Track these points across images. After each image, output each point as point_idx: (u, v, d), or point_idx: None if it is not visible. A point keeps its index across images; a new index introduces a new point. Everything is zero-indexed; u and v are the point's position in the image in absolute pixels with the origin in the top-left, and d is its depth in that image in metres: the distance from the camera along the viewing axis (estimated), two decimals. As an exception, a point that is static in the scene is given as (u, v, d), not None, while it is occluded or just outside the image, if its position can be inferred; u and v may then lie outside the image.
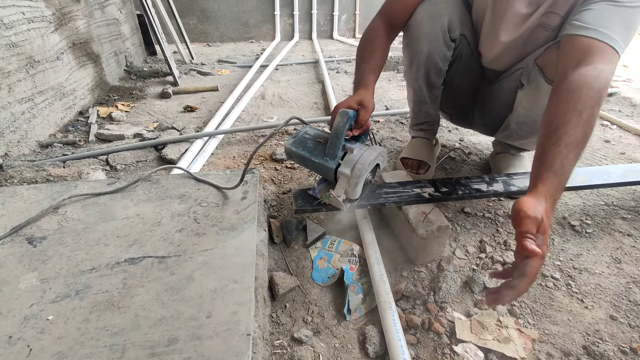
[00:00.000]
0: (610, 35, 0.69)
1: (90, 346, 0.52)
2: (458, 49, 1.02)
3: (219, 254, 0.69)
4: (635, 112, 1.83)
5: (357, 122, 0.82)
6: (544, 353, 0.67)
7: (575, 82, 0.66)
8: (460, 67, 1.07)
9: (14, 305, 0.58)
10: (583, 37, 0.70)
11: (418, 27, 0.97)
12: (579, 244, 0.93)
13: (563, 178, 0.60)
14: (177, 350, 0.52)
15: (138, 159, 1.33)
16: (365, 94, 0.85)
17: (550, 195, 0.58)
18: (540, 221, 0.54)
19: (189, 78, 2.50)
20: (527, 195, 0.59)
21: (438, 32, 0.96)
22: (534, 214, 0.54)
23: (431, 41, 0.97)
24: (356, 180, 0.76)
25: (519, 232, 0.55)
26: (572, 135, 0.61)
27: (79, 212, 0.81)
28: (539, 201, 0.57)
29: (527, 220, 0.54)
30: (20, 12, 1.35)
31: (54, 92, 1.53)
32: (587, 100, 0.63)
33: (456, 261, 0.87)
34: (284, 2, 4.09)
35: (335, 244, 0.91)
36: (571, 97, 0.64)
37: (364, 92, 0.86)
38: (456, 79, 1.09)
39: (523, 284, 0.52)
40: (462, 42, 1.01)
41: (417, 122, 1.23)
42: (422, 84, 1.08)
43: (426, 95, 1.10)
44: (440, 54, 1.00)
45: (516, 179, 0.97)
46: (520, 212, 0.55)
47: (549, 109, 0.67)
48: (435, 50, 0.99)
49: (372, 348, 0.66)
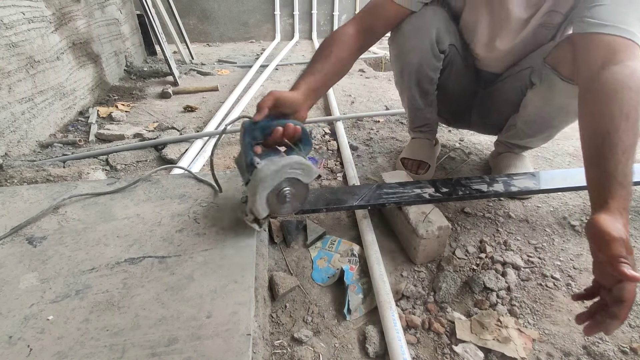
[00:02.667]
0: (631, 31, 0.67)
1: (90, 346, 0.52)
2: (448, 57, 1.02)
3: (219, 254, 0.69)
4: (635, 112, 1.83)
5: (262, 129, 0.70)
6: (544, 353, 0.66)
7: (610, 83, 0.63)
8: (453, 74, 1.06)
9: (14, 305, 0.58)
10: (603, 34, 0.69)
11: (406, 41, 0.97)
12: (579, 244, 0.93)
13: (629, 188, 0.57)
14: (177, 350, 0.52)
15: (138, 159, 1.33)
16: (288, 95, 0.73)
17: (624, 209, 0.54)
18: (627, 241, 0.51)
19: (189, 78, 2.50)
20: (600, 213, 0.54)
21: (427, 45, 0.95)
22: (619, 235, 0.50)
23: (420, 54, 0.97)
24: (253, 198, 0.69)
25: (610, 257, 0.50)
26: (625, 141, 0.58)
27: (79, 212, 0.81)
28: (616, 219, 0.53)
29: (616, 244, 0.50)
30: (20, 12, 1.35)
31: (54, 92, 1.53)
32: (629, 102, 0.61)
33: (456, 261, 0.87)
34: (284, 2, 4.09)
35: (335, 244, 0.91)
36: (613, 100, 0.61)
37: (288, 94, 0.74)
38: (449, 84, 1.09)
39: (625, 311, 0.49)
40: (451, 51, 1.01)
41: (415, 125, 1.23)
42: (414, 93, 1.08)
43: (420, 102, 1.10)
44: (430, 65, 1.00)
45: (516, 179, 0.97)
46: (605, 235, 0.51)
47: (589, 113, 0.65)
48: (425, 63, 0.99)
49: (372, 348, 0.66)
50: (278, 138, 0.70)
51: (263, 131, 0.70)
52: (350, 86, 2.29)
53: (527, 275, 0.83)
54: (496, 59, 1.01)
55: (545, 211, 1.05)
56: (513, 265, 0.85)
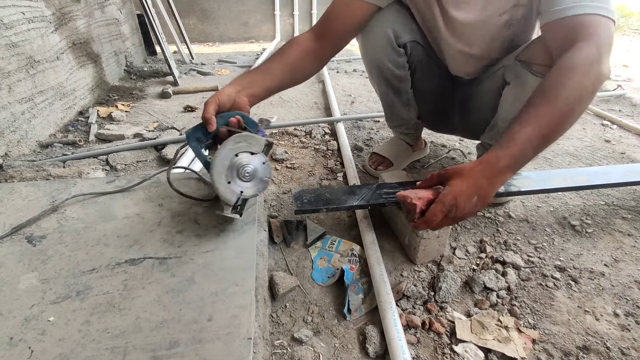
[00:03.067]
0: (586, 5, 0.66)
1: (91, 348, 0.52)
2: (413, 55, 1.00)
3: (219, 256, 0.69)
4: (635, 112, 1.83)
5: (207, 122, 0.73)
6: (544, 353, 0.67)
7: (556, 69, 0.65)
8: (424, 73, 1.05)
9: (14, 306, 0.58)
10: (560, 19, 0.69)
11: (366, 37, 0.99)
12: (579, 243, 0.93)
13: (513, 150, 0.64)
14: (179, 354, 0.52)
15: (138, 159, 1.33)
16: (225, 90, 0.78)
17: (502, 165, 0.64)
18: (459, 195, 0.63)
19: (189, 78, 2.50)
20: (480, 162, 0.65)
21: (384, 40, 0.96)
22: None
23: (379, 49, 0.98)
24: (217, 187, 0.70)
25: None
26: (543, 118, 0.63)
27: (78, 211, 0.81)
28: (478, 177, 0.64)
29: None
30: (20, 12, 1.35)
31: (54, 92, 1.53)
32: (574, 86, 0.63)
33: (456, 261, 0.87)
34: (284, 2, 4.08)
35: (335, 244, 0.91)
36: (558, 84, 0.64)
37: (224, 89, 0.78)
38: (423, 85, 1.08)
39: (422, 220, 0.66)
40: (415, 48, 1.00)
41: (392, 124, 1.23)
42: (386, 89, 1.08)
43: (394, 99, 1.10)
44: (391, 60, 0.99)
45: (516, 179, 0.97)
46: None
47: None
48: (386, 57, 0.99)
49: (372, 348, 0.66)
50: (223, 132, 0.74)
51: (202, 128, 0.74)
52: (351, 86, 2.29)
53: (527, 275, 0.83)
54: (463, 66, 0.99)
55: (545, 211, 1.05)
56: (513, 265, 0.85)
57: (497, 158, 0.64)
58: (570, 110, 0.64)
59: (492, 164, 0.64)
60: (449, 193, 0.64)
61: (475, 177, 0.64)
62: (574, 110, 0.64)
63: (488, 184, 0.64)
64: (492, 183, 0.64)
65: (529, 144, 0.63)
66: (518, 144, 0.63)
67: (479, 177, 0.64)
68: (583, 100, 0.65)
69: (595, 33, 0.65)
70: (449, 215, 0.64)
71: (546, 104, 0.64)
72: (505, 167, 0.64)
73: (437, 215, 0.64)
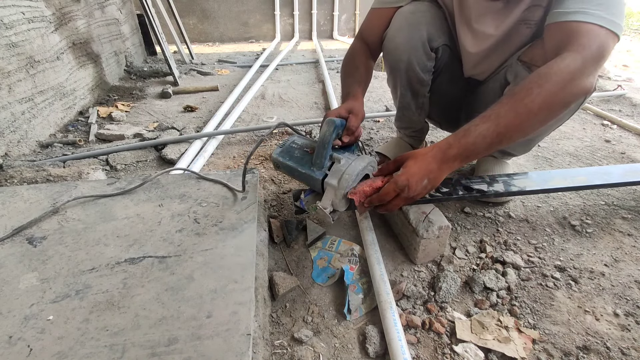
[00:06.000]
0: (590, 13, 0.65)
1: (90, 346, 0.52)
2: (441, 59, 0.98)
3: (219, 254, 0.69)
4: (635, 112, 1.83)
5: (347, 129, 0.79)
6: (544, 353, 0.66)
7: (533, 74, 0.67)
8: (447, 78, 1.03)
9: (14, 305, 0.58)
10: (559, 23, 0.69)
11: (396, 35, 0.93)
12: (579, 243, 0.93)
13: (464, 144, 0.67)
14: (178, 350, 0.52)
15: (138, 159, 1.33)
16: (355, 103, 0.82)
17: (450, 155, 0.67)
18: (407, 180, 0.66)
19: (189, 78, 2.50)
20: (432, 149, 0.69)
21: (417, 42, 0.92)
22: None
23: (410, 50, 0.93)
24: (343, 191, 0.72)
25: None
26: (503, 117, 0.65)
27: (79, 212, 0.81)
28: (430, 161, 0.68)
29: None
30: (20, 12, 1.35)
31: (54, 92, 1.53)
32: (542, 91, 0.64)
33: (456, 261, 0.87)
34: (284, 2, 4.09)
35: (335, 244, 0.91)
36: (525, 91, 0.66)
37: (353, 101, 0.83)
38: (442, 89, 1.06)
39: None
40: (445, 52, 0.97)
41: (400, 125, 1.22)
42: (405, 92, 1.05)
43: (411, 102, 1.07)
44: (420, 64, 0.95)
45: (516, 179, 0.97)
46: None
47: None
48: (416, 60, 0.94)
49: (373, 348, 0.66)
50: (356, 138, 0.82)
51: (342, 129, 0.78)
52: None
53: (527, 275, 0.83)
54: (474, 64, 0.99)
55: (545, 211, 1.05)
56: (513, 265, 0.85)
57: (449, 146, 0.67)
58: (531, 116, 0.65)
59: (442, 151, 0.68)
60: (403, 174, 0.68)
61: (427, 161, 0.68)
62: (537, 117, 0.66)
63: (437, 169, 0.68)
64: (441, 169, 0.68)
65: (483, 139, 0.66)
66: (472, 137, 0.66)
67: (430, 161, 0.68)
68: (553, 109, 0.66)
69: (586, 45, 0.65)
70: (401, 194, 0.68)
71: (509, 105, 0.66)
72: (455, 156, 0.67)
73: (390, 194, 0.68)
